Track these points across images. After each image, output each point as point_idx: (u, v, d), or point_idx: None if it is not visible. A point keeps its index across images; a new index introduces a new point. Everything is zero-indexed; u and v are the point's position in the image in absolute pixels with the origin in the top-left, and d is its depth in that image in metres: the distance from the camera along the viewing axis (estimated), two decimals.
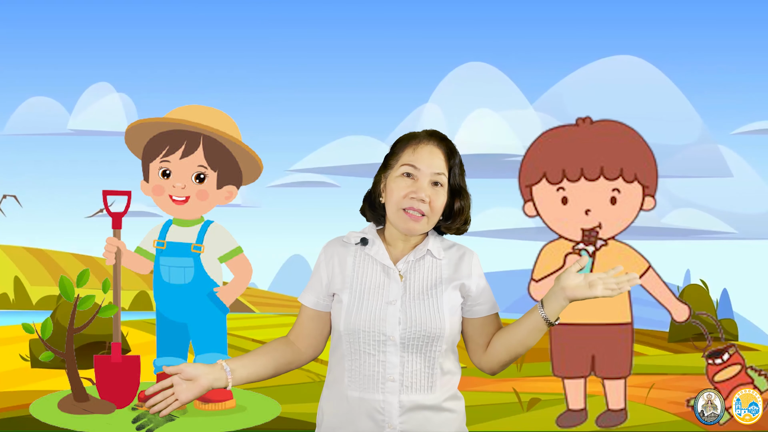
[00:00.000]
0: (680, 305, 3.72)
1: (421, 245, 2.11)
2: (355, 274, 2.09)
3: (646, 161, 3.70)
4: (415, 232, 2.07)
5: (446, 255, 2.12)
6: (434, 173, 2.05)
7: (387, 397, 2.02)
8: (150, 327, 4.71)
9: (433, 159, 2.06)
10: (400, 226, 2.07)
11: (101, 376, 3.31)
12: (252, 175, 3.48)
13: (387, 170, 2.11)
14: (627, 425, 3.76)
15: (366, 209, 2.17)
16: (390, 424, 2.01)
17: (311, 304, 2.12)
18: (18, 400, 4.34)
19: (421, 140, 2.08)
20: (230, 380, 2.03)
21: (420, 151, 2.06)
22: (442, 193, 2.06)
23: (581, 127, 3.71)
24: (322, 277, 2.11)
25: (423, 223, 2.06)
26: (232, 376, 2.03)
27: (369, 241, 2.12)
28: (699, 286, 6.73)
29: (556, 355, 3.71)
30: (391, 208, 2.08)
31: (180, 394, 1.99)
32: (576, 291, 1.94)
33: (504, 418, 4.29)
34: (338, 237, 2.18)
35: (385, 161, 2.13)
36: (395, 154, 2.10)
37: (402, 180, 2.06)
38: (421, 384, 2.03)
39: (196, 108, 3.43)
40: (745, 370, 3.66)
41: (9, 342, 5.82)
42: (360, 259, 2.11)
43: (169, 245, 3.39)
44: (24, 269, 10.77)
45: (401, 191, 2.04)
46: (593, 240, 3.66)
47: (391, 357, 2.02)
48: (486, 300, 2.10)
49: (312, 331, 2.14)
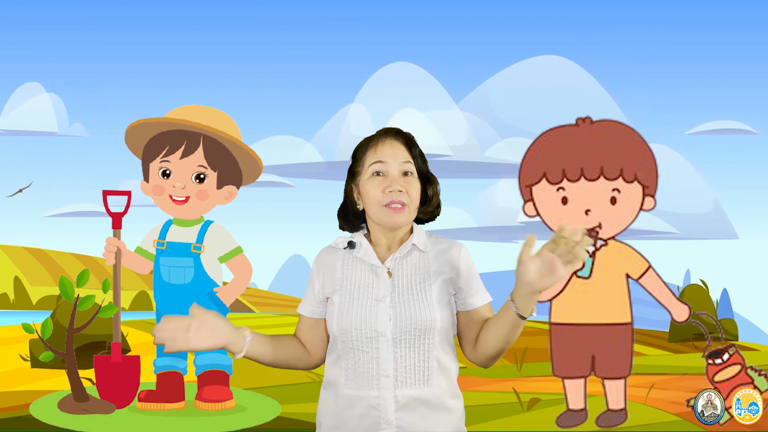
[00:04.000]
0: (680, 305, 3.72)
1: (407, 241, 2.14)
2: (344, 277, 2.13)
3: (646, 161, 3.71)
4: (400, 223, 2.11)
5: (433, 248, 2.15)
6: (401, 163, 2.11)
7: (382, 392, 2.04)
8: (150, 327, 4.70)
9: (395, 151, 2.11)
10: (385, 222, 2.10)
11: (101, 376, 3.31)
12: (252, 175, 3.48)
13: (355, 178, 2.16)
14: (627, 425, 3.76)
15: (343, 224, 2.23)
16: (386, 420, 2.03)
17: (308, 313, 2.18)
18: (18, 400, 4.34)
19: (379, 139, 2.14)
20: (245, 349, 2.07)
21: (381, 148, 2.12)
22: (414, 181, 2.11)
23: (581, 127, 3.72)
24: (315, 286, 2.17)
25: (406, 212, 2.10)
26: (248, 348, 2.07)
27: (356, 244, 2.16)
28: (699, 286, 6.73)
29: (556, 355, 3.71)
30: (372, 208, 2.12)
31: (194, 339, 2.01)
32: (542, 281, 1.88)
33: (504, 418, 4.30)
34: (328, 245, 2.22)
35: (351, 171, 2.18)
36: (358, 160, 2.16)
37: (374, 179, 2.10)
38: (415, 378, 2.05)
39: (196, 108, 3.44)
40: (745, 370, 3.67)
41: (9, 342, 5.82)
42: (348, 262, 2.15)
43: (169, 245, 3.39)
44: (24, 269, 10.76)
45: (377, 189, 2.09)
46: (593, 240, 3.66)
47: (383, 353, 2.05)
48: (475, 292, 2.12)
49: (312, 339, 2.19)
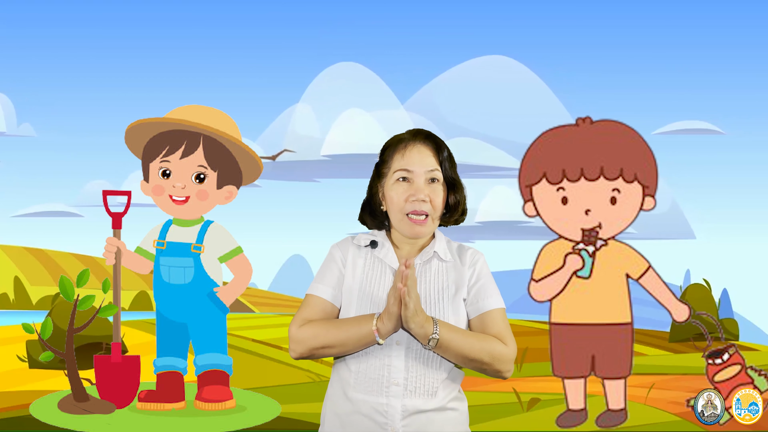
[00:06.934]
0: (680, 305, 3.72)
1: (428, 247, 2.12)
2: (365, 276, 2.10)
3: (646, 161, 3.71)
4: (421, 235, 2.09)
5: (453, 257, 2.13)
6: (428, 171, 2.07)
7: (391, 400, 2.02)
8: (150, 327, 4.71)
9: (423, 158, 2.08)
10: (406, 232, 2.08)
11: (101, 376, 3.31)
12: (252, 175, 3.48)
13: (381, 179, 2.13)
14: (627, 425, 3.75)
15: (366, 218, 2.19)
16: (393, 428, 2.02)
17: (330, 297, 2.11)
18: (18, 400, 4.34)
19: (408, 142, 2.10)
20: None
21: (409, 154, 2.08)
22: (439, 190, 2.09)
23: (581, 127, 3.72)
24: (340, 271, 2.11)
25: (428, 224, 2.08)
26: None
27: (378, 244, 2.13)
28: (701, 285, 6.73)
29: (556, 355, 3.70)
30: (394, 215, 2.09)
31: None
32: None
33: (504, 418, 4.30)
34: (348, 237, 2.19)
35: (377, 170, 2.15)
36: (385, 161, 2.12)
37: (399, 185, 2.08)
38: (425, 389, 2.04)
39: (196, 108, 3.43)
40: (745, 370, 3.66)
41: (9, 342, 5.82)
42: (370, 262, 2.12)
43: (169, 245, 3.39)
44: (24, 269, 10.76)
45: (401, 196, 2.06)
46: (593, 240, 3.66)
47: (396, 361, 2.03)
48: (488, 296, 2.11)
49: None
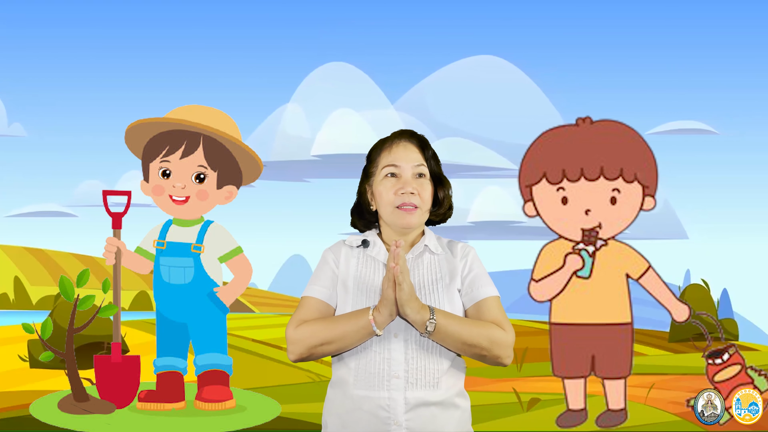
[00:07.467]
0: (680, 305, 3.72)
1: (419, 243, 2.17)
2: (359, 275, 2.14)
3: (646, 161, 3.71)
4: (412, 225, 2.14)
5: (444, 250, 2.18)
6: (414, 166, 2.14)
7: (392, 394, 2.04)
8: (150, 327, 4.72)
9: (409, 153, 2.15)
10: (397, 223, 2.13)
11: (101, 376, 3.31)
12: (252, 175, 3.48)
13: (369, 179, 2.20)
14: (627, 425, 3.76)
15: (356, 221, 2.26)
16: (396, 422, 2.03)
17: (325, 297, 2.15)
18: (18, 400, 4.35)
19: (393, 140, 2.18)
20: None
21: (395, 150, 2.15)
22: (427, 184, 2.15)
23: (581, 127, 3.72)
24: (334, 271, 2.16)
25: (417, 214, 2.13)
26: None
27: (370, 243, 2.17)
28: (700, 285, 6.73)
29: (556, 355, 3.70)
30: (385, 210, 2.15)
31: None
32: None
33: (504, 418, 4.30)
34: (339, 241, 2.24)
35: (365, 171, 2.22)
36: (373, 161, 2.19)
37: (387, 181, 2.14)
38: (426, 380, 2.06)
39: (196, 108, 3.43)
40: (745, 370, 3.66)
41: (9, 342, 5.83)
42: (363, 261, 2.17)
43: (169, 245, 3.39)
44: (24, 269, 10.77)
45: (390, 191, 2.13)
46: (593, 240, 3.66)
47: (395, 354, 2.05)
48: (480, 285, 2.15)
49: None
